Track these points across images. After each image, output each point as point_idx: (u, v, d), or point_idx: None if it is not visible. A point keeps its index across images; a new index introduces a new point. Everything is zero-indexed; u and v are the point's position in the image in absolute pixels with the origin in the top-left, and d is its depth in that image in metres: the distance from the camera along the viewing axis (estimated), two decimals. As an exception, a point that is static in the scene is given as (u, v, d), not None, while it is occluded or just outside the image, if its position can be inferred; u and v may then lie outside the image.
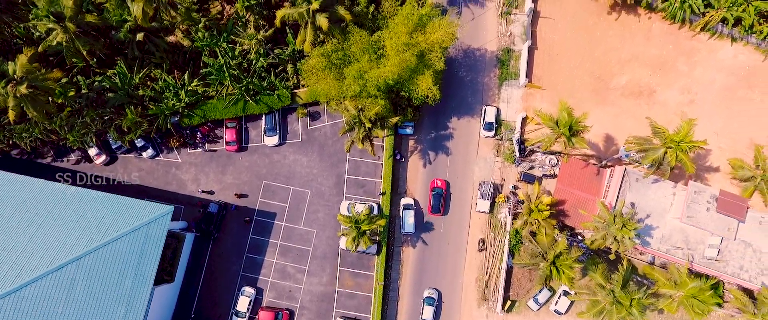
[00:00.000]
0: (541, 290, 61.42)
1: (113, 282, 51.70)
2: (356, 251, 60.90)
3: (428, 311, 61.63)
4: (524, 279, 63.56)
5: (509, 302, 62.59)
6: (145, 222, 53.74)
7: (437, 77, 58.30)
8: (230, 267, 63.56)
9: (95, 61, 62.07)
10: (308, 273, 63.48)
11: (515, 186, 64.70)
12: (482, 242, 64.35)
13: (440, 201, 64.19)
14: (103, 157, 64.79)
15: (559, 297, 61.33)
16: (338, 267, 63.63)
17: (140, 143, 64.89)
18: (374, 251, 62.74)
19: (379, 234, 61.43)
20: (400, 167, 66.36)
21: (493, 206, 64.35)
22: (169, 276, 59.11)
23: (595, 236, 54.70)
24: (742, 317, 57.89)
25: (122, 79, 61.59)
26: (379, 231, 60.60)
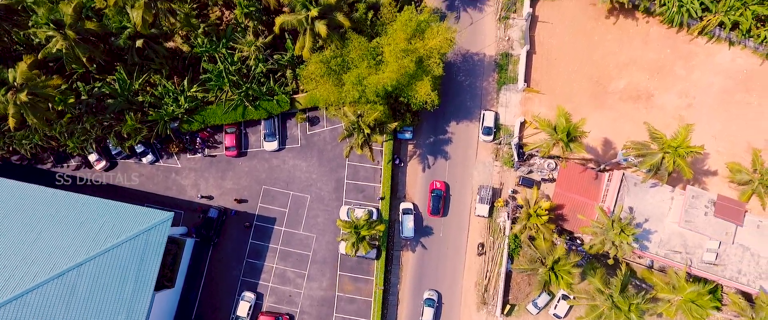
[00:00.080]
0: (540, 294, 61.63)
1: (114, 289, 51.93)
2: (356, 256, 61.12)
3: (428, 312, 61.86)
4: (523, 283, 63.80)
5: (508, 306, 62.84)
6: (145, 229, 53.97)
7: (436, 83, 58.58)
8: (230, 272, 63.80)
9: (95, 67, 62.29)
10: (308, 278, 63.71)
11: (514, 191, 64.95)
12: (481, 246, 64.57)
13: (440, 203, 64.41)
14: (103, 162, 65.01)
15: (558, 301, 61.56)
16: (338, 272, 63.86)
17: (140, 148, 65.11)
18: (374, 256, 62.97)
19: (378, 239, 61.63)
20: (399, 172, 66.59)
21: (492, 210, 64.59)
22: (169, 282, 59.35)
23: (593, 241, 54.95)
24: (740, 321, 58.18)
25: (122, 85, 61.81)
26: (378, 236, 60.81)
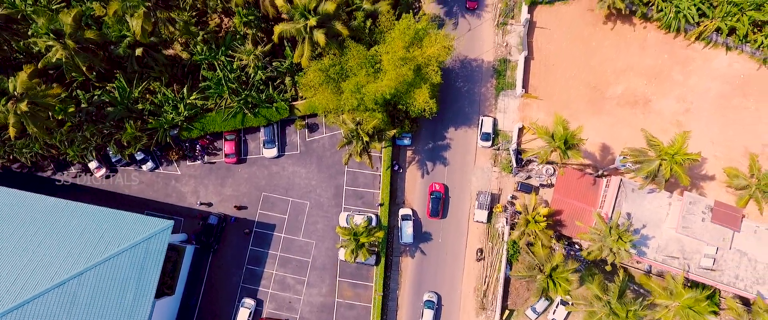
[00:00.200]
0: (538, 300, 61.86)
1: (115, 297, 52.14)
2: (355, 262, 61.39)
3: (428, 314, 62.15)
4: (522, 289, 64.06)
5: (507, 311, 63.11)
6: (145, 237, 54.21)
7: (434, 90, 58.82)
8: (230, 279, 64.05)
9: (94, 75, 62.54)
10: (308, 284, 63.97)
11: (513, 196, 65.19)
12: (480, 252, 64.83)
13: (439, 205, 64.69)
14: (103, 170, 65.33)
15: (556, 307, 61.80)
16: (337, 278, 64.11)
17: (140, 156, 65.38)
18: (373, 262, 63.25)
19: (377, 246, 61.92)
20: (398, 178, 66.86)
21: (490, 216, 64.84)
22: (169, 289, 59.57)
23: (591, 247, 55.22)
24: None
25: (121, 93, 62.06)
26: (377, 243, 61.09)
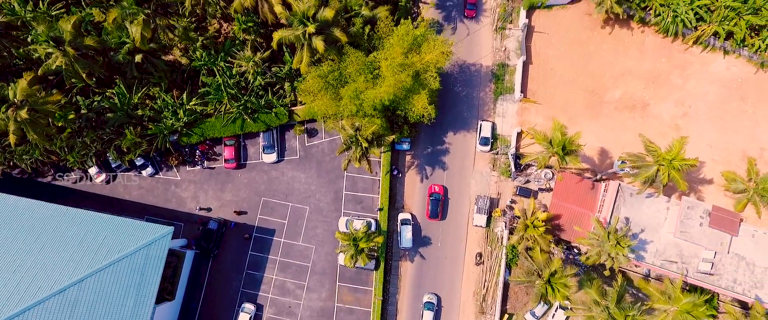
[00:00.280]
0: (538, 304, 62.10)
1: (115, 303, 52.34)
2: (355, 267, 61.59)
3: (428, 316, 62.39)
4: (521, 293, 64.29)
5: (506, 315, 63.33)
6: (145, 243, 54.40)
7: (433, 96, 59.04)
8: (230, 284, 64.26)
9: (94, 80, 62.75)
10: (307, 289, 64.18)
11: (513, 200, 65.40)
12: (479, 256, 65.05)
13: (438, 207, 64.93)
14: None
15: (555, 311, 62.00)
16: (337, 283, 64.33)
17: (140, 161, 65.56)
18: (372, 267, 63.47)
19: (377, 250, 62.12)
20: (397, 182, 67.06)
21: (489, 220, 65.06)
22: (169, 295, 59.76)
23: (590, 252, 55.44)
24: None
25: (121, 99, 62.28)
26: (377, 248, 61.29)
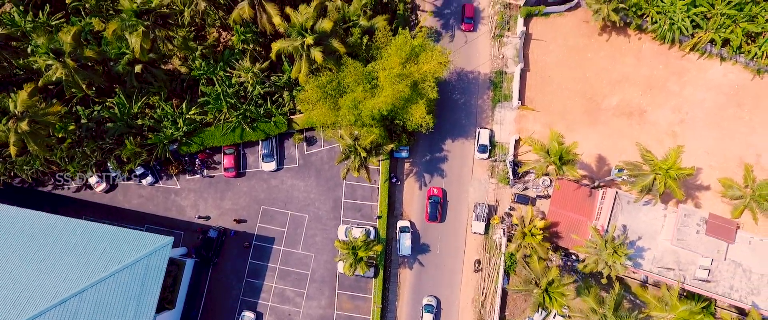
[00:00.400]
0: (535, 312, 62.40)
1: (115, 314, 52.64)
2: (354, 275, 61.93)
3: (427, 318, 62.74)
4: (520, 300, 64.62)
5: (505, 322, 63.80)
6: (146, 254, 54.75)
7: (431, 105, 59.39)
8: (230, 292, 64.60)
9: (94, 90, 63.10)
10: (307, 297, 64.51)
11: (511, 208, 65.72)
12: (478, 263, 65.39)
13: (437, 209, 65.30)
14: (103, 184, 65.88)
15: (553, 318, 62.35)
16: (336, 291, 64.65)
17: (139, 170, 65.88)
18: (372, 274, 63.80)
19: (376, 258, 62.46)
20: (396, 190, 67.39)
21: (488, 227, 65.39)
22: (169, 304, 60.09)
23: (587, 261, 55.79)
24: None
25: (121, 109, 62.62)
26: (375, 256, 61.62)
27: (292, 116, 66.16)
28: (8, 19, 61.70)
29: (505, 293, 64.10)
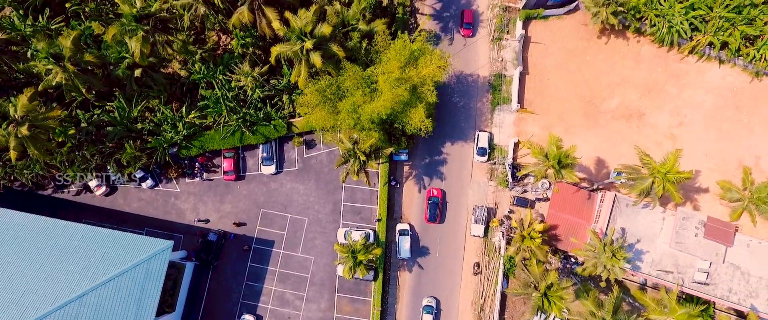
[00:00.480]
0: (535, 316, 62.58)
1: (116, 318, 52.74)
2: (353, 278, 62.08)
3: (427, 319, 62.92)
4: (519, 302, 64.75)
5: (504, 325, 63.93)
6: (146, 258, 54.89)
7: (430, 109, 59.49)
8: (230, 295, 64.74)
9: (93, 94, 63.22)
10: (306, 300, 64.66)
11: (510, 210, 65.84)
12: (477, 265, 65.53)
13: (436, 210, 65.46)
14: (103, 188, 66.04)
15: (552, 320, 62.60)
16: (336, 293, 64.80)
17: (139, 174, 66.03)
18: (371, 277, 63.94)
19: (375, 261, 62.61)
20: (395, 193, 67.53)
21: (487, 230, 65.53)
22: (169, 307, 60.24)
23: (586, 264, 55.93)
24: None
25: (121, 112, 62.76)
26: (375, 259, 61.75)
27: (291, 119, 66.29)
28: (8, 23, 61.83)
29: (504, 296, 64.24)
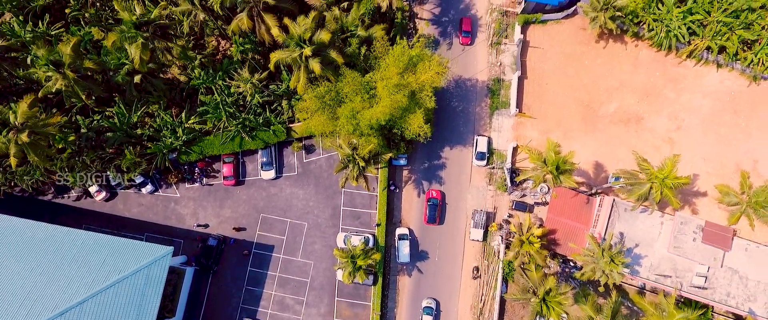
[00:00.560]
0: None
1: (116, 324, 53.08)
2: (353, 283, 62.25)
3: None
4: (518, 307, 64.99)
5: (503, 329, 64.12)
6: (146, 264, 55.04)
7: (429, 114, 59.66)
8: (230, 300, 64.93)
9: (93, 100, 63.39)
10: (306, 305, 64.85)
11: (509, 215, 66.04)
12: (476, 270, 65.73)
13: (436, 212, 65.64)
14: (103, 193, 66.21)
15: (551, 325, 62.74)
16: (336, 298, 64.99)
17: (139, 179, 66.19)
18: (371, 282, 64.13)
19: (374, 266, 62.79)
20: (394, 197, 67.71)
21: (486, 234, 65.71)
22: (169, 313, 60.40)
23: (585, 269, 56.13)
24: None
25: (120, 118, 62.94)
26: (374, 264, 61.94)
27: (291, 125, 66.48)
28: (8, 29, 61.96)
29: (503, 300, 64.45)
